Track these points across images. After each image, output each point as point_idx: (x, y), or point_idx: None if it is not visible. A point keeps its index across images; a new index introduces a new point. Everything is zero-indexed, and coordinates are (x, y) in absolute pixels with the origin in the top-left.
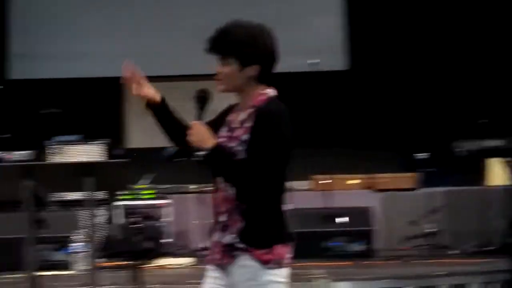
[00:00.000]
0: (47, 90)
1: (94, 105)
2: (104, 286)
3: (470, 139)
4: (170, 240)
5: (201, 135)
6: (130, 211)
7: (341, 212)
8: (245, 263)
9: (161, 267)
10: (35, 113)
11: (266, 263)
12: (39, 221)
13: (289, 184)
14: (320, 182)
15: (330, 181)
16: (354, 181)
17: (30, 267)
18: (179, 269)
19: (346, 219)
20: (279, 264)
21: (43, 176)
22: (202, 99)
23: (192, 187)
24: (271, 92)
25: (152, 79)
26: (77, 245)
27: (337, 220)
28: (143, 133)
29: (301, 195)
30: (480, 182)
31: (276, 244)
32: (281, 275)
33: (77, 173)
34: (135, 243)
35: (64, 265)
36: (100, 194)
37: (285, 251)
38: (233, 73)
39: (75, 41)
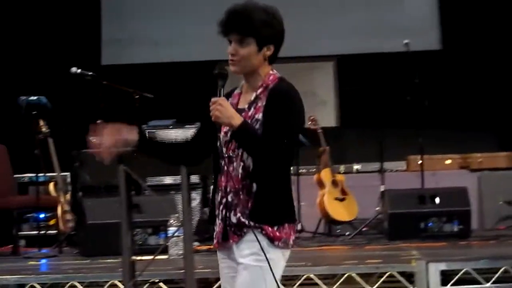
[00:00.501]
0: (139, 75)
1: (187, 89)
2: (199, 270)
3: None
4: None
5: (229, 112)
6: None
7: (437, 193)
8: (252, 238)
9: None
10: (128, 98)
11: (275, 241)
12: (135, 206)
13: (384, 165)
14: (415, 162)
15: (426, 161)
16: (449, 161)
17: (126, 252)
18: None
19: (441, 199)
20: (286, 244)
21: (138, 161)
22: (223, 75)
23: None
24: (277, 72)
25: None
26: (173, 230)
27: (433, 200)
28: None
29: (397, 176)
30: None
31: (286, 222)
32: (285, 256)
33: None
34: None
35: (160, 250)
36: (195, 178)
37: (292, 231)
38: (251, 54)
39: (166, 25)
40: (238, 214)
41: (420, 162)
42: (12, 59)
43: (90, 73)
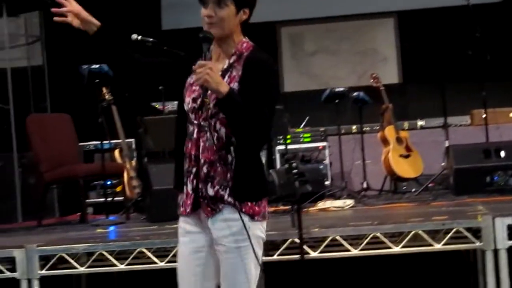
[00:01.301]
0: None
1: None
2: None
3: None
4: (330, 182)
5: (218, 77)
6: (289, 155)
7: (502, 146)
8: (233, 216)
9: (322, 210)
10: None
11: (255, 216)
12: None
13: (448, 120)
14: (479, 116)
15: (489, 115)
16: None
17: None
18: (340, 212)
19: (507, 153)
20: (263, 217)
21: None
22: (208, 39)
23: (351, 127)
24: (249, 40)
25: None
26: None
27: (498, 154)
28: (299, 76)
29: (461, 130)
30: None
31: (263, 196)
32: (263, 228)
33: None
34: (295, 187)
35: None
36: None
37: (266, 203)
38: (229, 16)
39: None
40: (216, 187)
41: (484, 116)
42: (73, 28)
43: (151, 39)
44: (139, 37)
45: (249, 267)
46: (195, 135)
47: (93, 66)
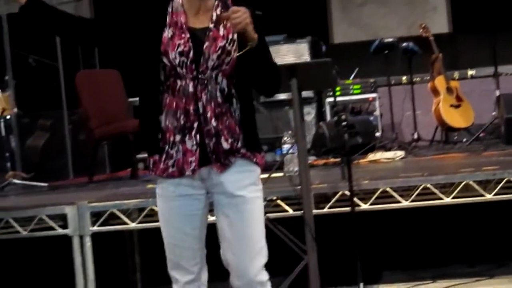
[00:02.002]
0: None
1: (297, 2)
2: (315, 184)
3: None
4: (380, 133)
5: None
6: (339, 107)
7: None
8: (247, 168)
9: (372, 161)
10: None
11: (261, 167)
12: None
13: (498, 69)
14: None
15: None
16: None
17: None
18: (390, 163)
19: None
20: (261, 170)
21: None
22: None
23: (401, 78)
24: None
25: None
26: (288, 146)
27: None
28: (348, 27)
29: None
30: None
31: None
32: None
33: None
34: (345, 139)
35: (276, 166)
36: (308, 93)
37: None
38: None
39: None
40: (230, 140)
41: None
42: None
43: None
44: None
45: (262, 218)
46: (190, 89)
47: None
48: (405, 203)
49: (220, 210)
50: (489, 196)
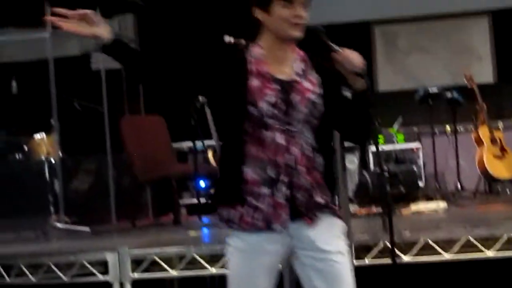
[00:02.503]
0: None
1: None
2: (357, 233)
3: None
4: (424, 183)
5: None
6: (382, 156)
7: None
8: (334, 222)
9: (415, 212)
10: None
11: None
12: None
13: None
14: None
15: None
16: None
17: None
18: (433, 214)
19: None
20: None
21: None
22: (323, 31)
23: (444, 128)
24: None
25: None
26: None
27: None
28: (393, 75)
29: None
30: None
31: None
32: None
33: None
34: (388, 189)
35: None
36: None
37: None
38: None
39: None
40: (320, 194)
41: None
42: (166, 30)
43: (243, 41)
44: (232, 39)
45: (352, 272)
46: (280, 141)
47: None
48: (446, 256)
49: (310, 266)
50: None
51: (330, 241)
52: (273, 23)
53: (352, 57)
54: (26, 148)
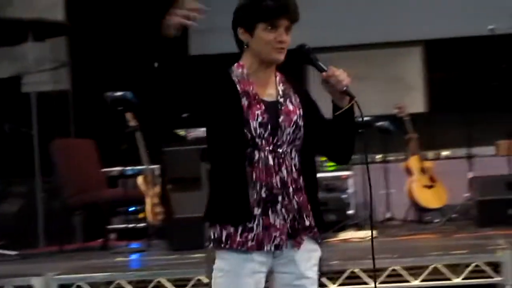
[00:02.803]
0: (228, 65)
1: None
2: None
3: None
4: (353, 212)
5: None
6: None
7: None
8: (313, 247)
9: (343, 240)
10: None
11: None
12: None
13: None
14: (504, 147)
15: None
16: None
17: (210, 246)
18: (361, 243)
19: None
20: None
21: None
22: (311, 49)
23: (376, 156)
24: None
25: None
26: None
27: None
28: (327, 103)
29: (486, 161)
30: None
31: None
32: None
33: None
34: None
35: None
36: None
37: None
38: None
39: None
40: (307, 217)
41: (508, 147)
42: (99, 54)
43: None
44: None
45: None
46: (270, 162)
47: (117, 94)
48: (372, 286)
49: None
50: (457, 280)
51: (310, 268)
52: (257, 46)
53: (339, 75)
54: None
